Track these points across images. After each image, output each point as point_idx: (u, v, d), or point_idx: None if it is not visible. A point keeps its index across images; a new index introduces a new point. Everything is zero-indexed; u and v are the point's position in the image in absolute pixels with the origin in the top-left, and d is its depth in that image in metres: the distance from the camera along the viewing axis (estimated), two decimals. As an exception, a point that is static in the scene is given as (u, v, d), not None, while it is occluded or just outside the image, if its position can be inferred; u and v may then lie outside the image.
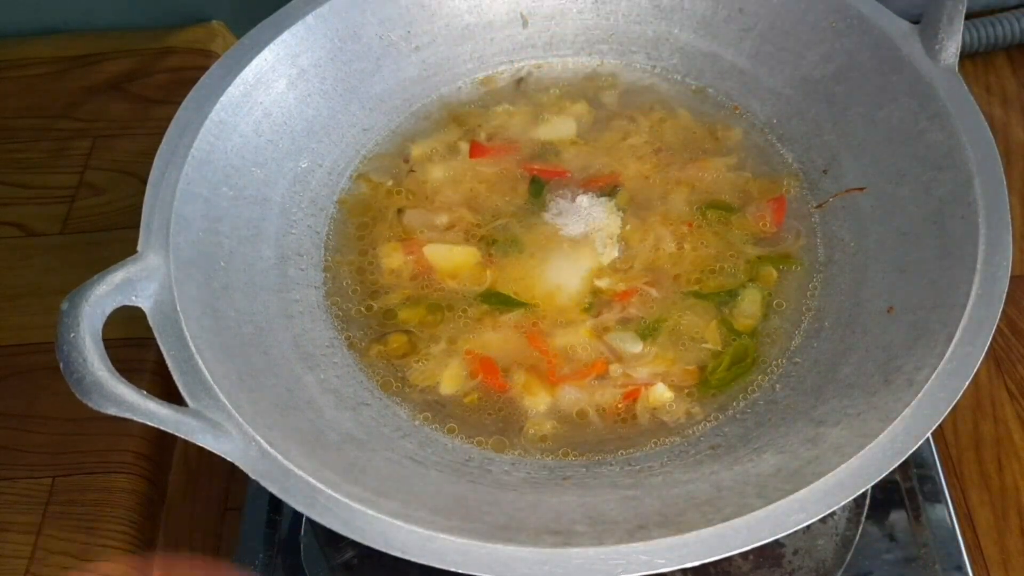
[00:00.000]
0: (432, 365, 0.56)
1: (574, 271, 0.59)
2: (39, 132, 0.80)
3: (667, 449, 0.52)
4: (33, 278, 0.71)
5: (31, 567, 0.57)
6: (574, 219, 0.61)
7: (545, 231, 0.61)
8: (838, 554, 0.54)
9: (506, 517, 0.45)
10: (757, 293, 0.58)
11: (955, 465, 0.61)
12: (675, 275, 0.59)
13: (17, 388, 0.65)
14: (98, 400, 0.43)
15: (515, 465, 0.52)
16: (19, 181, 0.77)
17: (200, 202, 0.54)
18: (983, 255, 0.49)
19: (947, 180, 0.53)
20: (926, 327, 0.49)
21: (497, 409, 0.54)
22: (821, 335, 0.55)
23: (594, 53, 0.70)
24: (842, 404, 0.49)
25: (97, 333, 0.45)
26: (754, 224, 0.61)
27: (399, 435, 0.53)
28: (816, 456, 0.45)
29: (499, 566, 0.41)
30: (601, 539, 0.42)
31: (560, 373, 0.55)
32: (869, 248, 0.57)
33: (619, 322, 0.57)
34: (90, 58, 0.85)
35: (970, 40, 0.81)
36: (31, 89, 0.84)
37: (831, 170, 0.61)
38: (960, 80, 0.56)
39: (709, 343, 0.56)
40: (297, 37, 0.61)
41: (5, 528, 0.59)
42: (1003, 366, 0.65)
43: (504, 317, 0.57)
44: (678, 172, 0.63)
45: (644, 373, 0.55)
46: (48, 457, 0.62)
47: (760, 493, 0.43)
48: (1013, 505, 0.59)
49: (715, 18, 0.66)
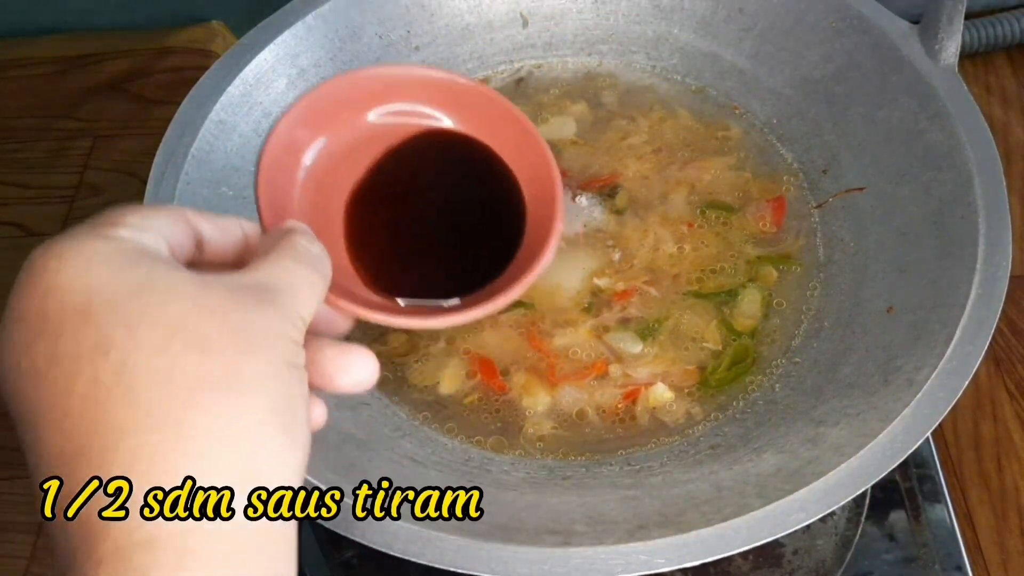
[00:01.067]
0: (431, 365, 0.56)
1: (574, 271, 0.59)
2: (39, 132, 0.80)
3: (667, 449, 0.52)
4: (33, 278, 0.71)
5: (31, 567, 0.57)
6: (574, 219, 0.61)
7: (545, 231, 0.61)
8: (838, 554, 0.54)
9: (506, 517, 0.45)
10: (757, 293, 0.58)
11: (955, 465, 0.61)
12: (675, 275, 0.59)
13: (17, 388, 0.65)
14: (98, 400, 0.43)
15: (515, 465, 0.52)
16: (19, 181, 0.77)
17: (200, 202, 0.54)
18: (983, 255, 0.49)
19: (947, 180, 0.53)
20: (926, 327, 0.49)
21: (497, 409, 0.54)
22: (821, 335, 0.55)
23: (594, 53, 0.70)
24: (842, 404, 0.49)
25: (97, 333, 0.45)
26: (754, 224, 0.61)
27: (399, 435, 0.53)
28: (816, 456, 0.45)
29: (499, 566, 0.41)
30: (601, 539, 0.42)
31: (560, 373, 0.55)
32: (869, 248, 0.57)
33: (619, 322, 0.57)
34: (90, 58, 0.85)
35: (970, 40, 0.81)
36: (31, 89, 0.84)
37: (831, 170, 0.61)
38: (960, 80, 0.56)
39: (709, 343, 0.56)
40: (297, 37, 0.61)
41: (5, 528, 0.59)
42: (1003, 366, 0.65)
43: (503, 317, 0.57)
44: (678, 172, 0.63)
45: (644, 373, 0.55)
46: (48, 457, 0.62)
47: (760, 493, 0.43)
48: (1013, 505, 0.59)
49: (715, 18, 0.66)
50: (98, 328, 0.27)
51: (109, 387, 0.26)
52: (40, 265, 0.28)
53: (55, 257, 0.28)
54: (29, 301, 0.27)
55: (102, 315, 0.27)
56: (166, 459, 0.26)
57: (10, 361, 0.27)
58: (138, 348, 0.26)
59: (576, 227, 0.61)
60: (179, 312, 0.27)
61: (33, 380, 0.27)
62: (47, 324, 0.27)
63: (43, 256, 0.28)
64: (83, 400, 0.26)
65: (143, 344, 0.26)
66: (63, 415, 0.26)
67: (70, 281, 0.27)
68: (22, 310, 0.27)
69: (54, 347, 0.27)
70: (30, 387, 0.27)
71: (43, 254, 0.28)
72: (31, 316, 0.27)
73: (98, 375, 0.26)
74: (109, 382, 0.26)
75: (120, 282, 0.27)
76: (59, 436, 0.26)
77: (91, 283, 0.27)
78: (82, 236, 0.28)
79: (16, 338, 0.27)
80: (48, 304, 0.27)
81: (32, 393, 0.27)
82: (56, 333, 0.27)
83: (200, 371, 0.27)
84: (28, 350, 0.27)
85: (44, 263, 0.28)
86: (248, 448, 0.27)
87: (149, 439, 0.26)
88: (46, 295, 0.27)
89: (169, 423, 0.26)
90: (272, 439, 0.28)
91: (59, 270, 0.27)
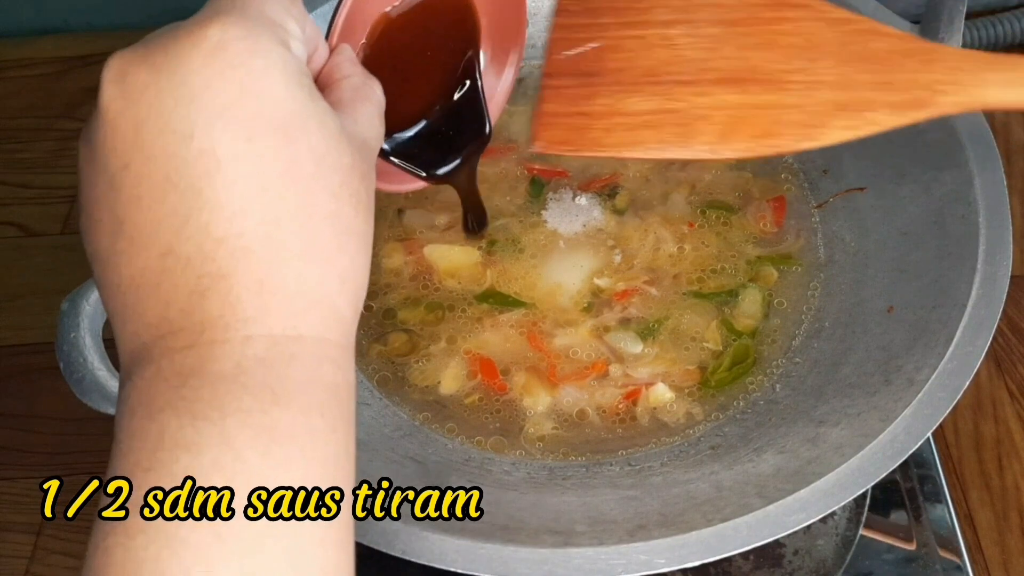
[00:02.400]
0: (432, 365, 0.56)
1: (574, 271, 0.59)
2: (39, 132, 0.80)
3: (667, 449, 0.52)
4: (33, 278, 0.71)
5: (31, 567, 0.57)
6: (574, 219, 0.61)
7: (545, 231, 0.61)
8: (838, 554, 0.54)
9: (506, 517, 0.45)
10: (757, 293, 0.58)
11: (955, 465, 0.61)
12: (675, 275, 0.59)
13: (17, 388, 0.65)
14: (98, 400, 0.43)
15: (515, 465, 0.52)
16: (19, 181, 0.77)
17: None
18: (983, 255, 0.49)
19: (947, 180, 0.53)
20: (926, 327, 0.48)
21: (497, 409, 0.54)
22: (821, 335, 0.55)
23: (594, 53, 0.69)
24: (842, 404, 0.49)
25: (97, 333, 0.45)
26: (754, 224, 0.61)
27: (399, 435, 0.53)
28: (816, 456, 0.45)
29: (499, 566, 0.41)
30: (601, 539, 0.42)
31: (560, 373, 0.55)
32: (869, 248, 0.57)
33: (619, 322, 0.57)
34: (90, 58, 0.85)
35: (970, 40, 0.81)
36: (31, 89, 0.84)
37: (831, 170, 0.61)
38: (960, 80, 0.55)
39: (709, 343, 0.56)
40: (297, 37, 0.61)
41: (5, 528, 0.59)
42: (1003, 366, 0.65)
43: (504, 317, 0.57)
44: (678, 172, 0.63)
45: (644, 373, 0.55)
46: (48, 457, 0.62)
47: (760, 493, 0.43)
48: (1013, 505, 0.59)
49: (715, 18, 0.66)
50: (289, 143, 0.28)
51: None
52: (232, 52, 0.27)
53: (252, 54, 0.28)
54: (224, 84, 0.27)
55: (296, 130, 0.28)
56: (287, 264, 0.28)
57: (201, 142, 0.27)
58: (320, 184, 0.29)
59: (576, 227, 0.60)
60: (347, 165, 0.30)
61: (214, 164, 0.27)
62: (246, 117, 0.27)
63: (234, 44, 0.28)
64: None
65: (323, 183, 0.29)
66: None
67: (270, 89, 0.28)
68: (213, 87, 0.27)
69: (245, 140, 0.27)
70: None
71: (235, 42, 0.28)
72: (226, 98, 0.27)
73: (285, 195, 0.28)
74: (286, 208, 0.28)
75: (303, 106, 0.29)
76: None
77: (288, 101, 0.28)
78: (267, 38, 0.28)
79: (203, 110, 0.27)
80: (246, 103, 0.27)
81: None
82: (249, 130, 0.27)
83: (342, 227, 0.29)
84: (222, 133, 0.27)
85: (238, 54, 0.28)
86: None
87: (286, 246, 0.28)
88: (242, 93, 0.27)
89: (322, 255, 0.29)
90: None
91: (256, 73, 0.28)
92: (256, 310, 0.27)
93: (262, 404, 0.26)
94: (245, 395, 0.26)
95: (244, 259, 0.27)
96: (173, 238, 0.27)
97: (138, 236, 0.27)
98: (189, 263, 0.27)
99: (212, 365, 0.27)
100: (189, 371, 0.27)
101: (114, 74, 0.28)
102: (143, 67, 0.28)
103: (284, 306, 0.28)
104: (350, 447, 0.29)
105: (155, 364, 0.27)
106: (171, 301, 0.27)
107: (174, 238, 0.27)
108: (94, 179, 0.28)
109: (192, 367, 0.27)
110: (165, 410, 0.26)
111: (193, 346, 0.27)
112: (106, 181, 0.28)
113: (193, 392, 0.26)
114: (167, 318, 0.27)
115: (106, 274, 0.28)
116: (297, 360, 0.28)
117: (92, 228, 0.29)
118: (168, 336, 0.27)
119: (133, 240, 0.27)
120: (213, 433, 0.26)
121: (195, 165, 0.27)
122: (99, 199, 0.28)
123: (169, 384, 0.27)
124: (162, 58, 0.27)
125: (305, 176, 0.28)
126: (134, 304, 0.28)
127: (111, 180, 0.28)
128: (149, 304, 0.27)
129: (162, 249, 0.27)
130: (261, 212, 0.27)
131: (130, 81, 0.27)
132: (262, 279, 0.27)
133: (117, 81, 0.28)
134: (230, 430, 0.26)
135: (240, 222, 0.27)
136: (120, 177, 0.28)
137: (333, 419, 0.28)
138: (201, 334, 0.27)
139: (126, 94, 0.28)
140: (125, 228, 0.28)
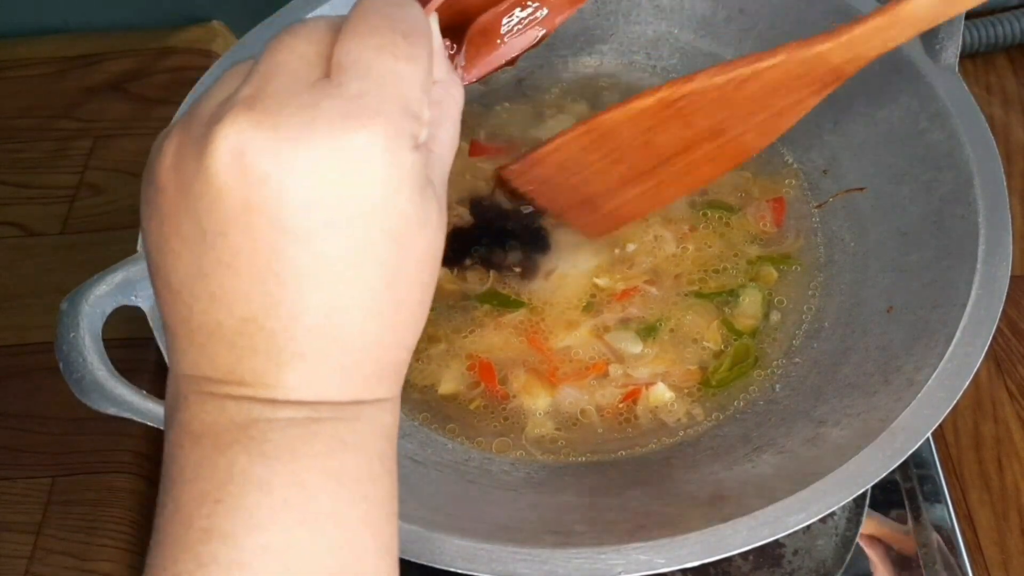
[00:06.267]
0: (432, 365, 0.56)
1: (574, 271, 0.59)
2: (39, 132, 0.80)
3: (667, 449, 0.52)
4: (33, 278, 0.71)
5: (31, 567, 0.57)
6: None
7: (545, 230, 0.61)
8: (838, 554, 0.54)
9: (506, 517, 0.45)
10: (758, 293, 0.58)
11: (955, 465, 0.61)
12: (675, 275, 0.59)
13: (17, 388, 0.65)
14: (98, 400, 0.43)
15: (515, 465, 0.52)
16: (19, 181, 0.77)
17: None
18: (983, 255, 0.49)
19: (947, 180, 0.53)
20: (926, 327, 0.49)
21: (497, 409, 0.54)
22: (821, 335, 0.55)
23: (594, 53, 0.70)
24: (842, 404, 0.49)
25: (97, 333, 0.45)
26: (754, 224, 0.61)
27: (399, 435, 0.52)
28: (816, 456, 0.45)
29: (499, 566, 0.41)
30: (601, 539, 0.42)
31: (560, 373, 0.55)
32: (869, 248, 0.57)
33: (619, 322, 0.57)
34: (90, 58, 0.85)
35: (970, 40, 0.81)
36: (31, 89, 0.84)
37: (831, 170, 0.61)
38: (960, 80, 0.56)
39: (710, 343, 0.56)
40: (297, 37, 0.61)
41: (5, 528, 0.59)
42: (1003, 366, 0.65)
43: (504, 317, 0.57)
44: (678, 172, 0.63)
45: (644, 373, 0.55)
46: (48, 457, 0.62)
47: (760, 493, 0.43)
48: (1013, 505, 0.59)
49: (715, 18, 0.66)
50: (400, 251, 0.27)
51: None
52: (372, 168, 0.26)
53: (389, 166, 0.26)
54: (354, 200, 0.26)
55: (408, 238, 0.27)
56: None
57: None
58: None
59: (576, 227, 0.60)
60: (438, 254, 0.29)
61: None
62: (365, 226, 0.26)
63: (377, 158, 0.26)
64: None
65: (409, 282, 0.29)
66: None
67: (395, 202, 0.27)
68: (344, 203, 0.26)
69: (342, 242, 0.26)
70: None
71: (378, 156, 0.26)
72: (353, 210, 0.26)
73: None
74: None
75: (418, 211, 0.27)
76: None
77: (408, 211, 0.27)
78: (406, 145, 0.27)
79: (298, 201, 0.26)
80: (371, 218, 0.26)
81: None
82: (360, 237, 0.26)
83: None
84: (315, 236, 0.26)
85: (375, 170, 0.26)
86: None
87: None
88: (371, 209, 0.26)
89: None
90: None
91: (390, 189, 0.26)
92: (336, 390, 0.28)
93: (331, 450, 0.28)
94: (316, 441, 0.27)
95: (330, 348, 0.27)
96: (261, 313, 0.26)
97: (222, 296, 0.27)
98: (272, 337, 0.27)
99: (283, 412, 0.27)
100: (259, 414, 0.27)
101: (231, 149, 0.25)
102: (267, 156, 0.25)
103: (361, 388, 0.29)
104: (396, 486, 0.31)
105: (219, 401, 0.27)
106: (244, 359, 0.27)
107: (262, 313, 0.26)
108: (178, 214, 0.27)
109: (262, 413, 0.27)
110: (234, 446, 0.27)
111: (265, 401, 0.27)
112: (196, 229, 0.26)
113: (261, 434, 0.27)
114: (236, 371, 0.27)
115: (176, 306, 0.28)
116: (364, 414, 0.29)
117: (163, 249, 0.28)
118: (236, 385, 0.27)
119: (215, 297, 0.27)
120: (284, 472, 0.27)
121: (301, 263, 0.26)
122: (183, 237, 0.27)
123: (235, 423, 0.27)
124: (291, 154, 0.25)
125: (407, 280, 0.28)
126: (202, 344, 0.28)
127: (203, 234, 0.26)
128: (220, 350, 0.27)
129: (246, 315, 0.27)
130: (361, 314, 0.27)
131: (249, 163, 0.25)
132: (346, 367, 0.28)
133: (235, 157, 0.25)
134: (301, 473, 0.27)
135: (338, 318, 0.27)
136: (214, 239, 0.26)
137: (391, 463, 0.30)
138: (275, 391, 0.27)
139: (243, 175, 0.25)
140: (209, 283, 0.27)
